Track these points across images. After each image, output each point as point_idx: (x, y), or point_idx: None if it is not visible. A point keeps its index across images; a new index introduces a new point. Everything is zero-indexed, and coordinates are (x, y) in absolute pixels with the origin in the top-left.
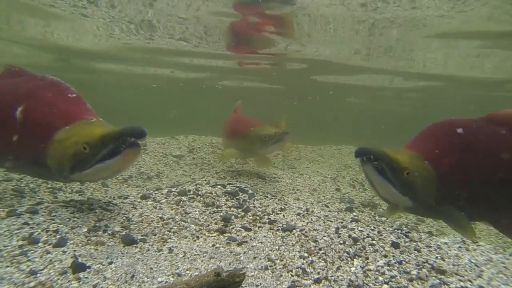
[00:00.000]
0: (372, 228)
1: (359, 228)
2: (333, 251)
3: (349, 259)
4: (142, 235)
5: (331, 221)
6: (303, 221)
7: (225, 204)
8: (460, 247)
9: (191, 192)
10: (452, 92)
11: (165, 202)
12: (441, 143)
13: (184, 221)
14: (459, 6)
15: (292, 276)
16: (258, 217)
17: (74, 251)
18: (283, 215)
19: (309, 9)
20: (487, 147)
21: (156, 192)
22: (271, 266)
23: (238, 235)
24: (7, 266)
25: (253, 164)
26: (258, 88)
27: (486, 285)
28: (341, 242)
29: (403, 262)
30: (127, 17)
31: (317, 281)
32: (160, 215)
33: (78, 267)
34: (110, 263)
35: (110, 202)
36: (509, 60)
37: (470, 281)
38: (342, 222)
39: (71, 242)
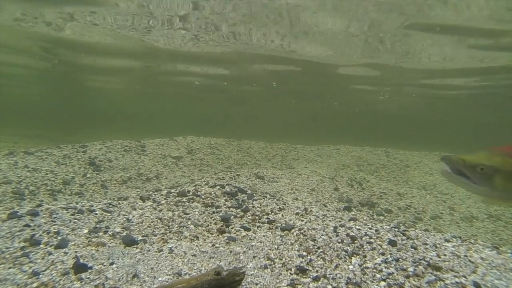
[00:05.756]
0: (369, 226)
1: (357, 227)
2: (332, 249)
3: (347, 257)
4: (142, 236)
5: (329, 220)
6: (302, 221)
7: (224, 204)
8: (455, 244)
9: (191, 193)
10: None
11: (164, 203)
12: None
13: (183, 221)
14: None
15: (291, 274)
16: (257, 217)
17: (76, 252)
18: (282, 215)
19: None
20: None
21: (156, 193)
22: (270, 265)
23: (237, 235)
24: (9, 268)
25: (252, 165)
26: None
27: (480, 281)
28: (339, 240)
29: (400, 259)
30: None
31: (315, 279)
32: (160, 216)
33: (79, 268)
34: (112, 263)
35: (110, 204)
36: None
37: (464, 276)
38: (340, 221)
39: (72, 243)
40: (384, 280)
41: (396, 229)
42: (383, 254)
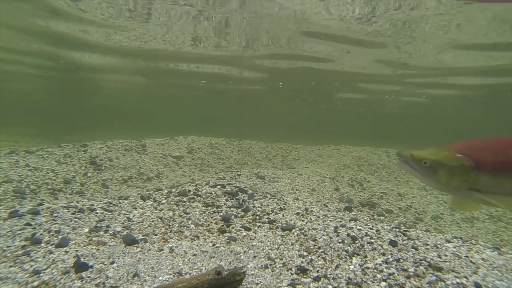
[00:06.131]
0: (370, 227)
1: (358, 227)
2: (332, 249)
3: (347, 257)
4: (143, 235)
5: (330, 220)
6: (302, 221)
7: (225, 204)
8: (456, 245)
9: (191, 193)
10: None
11: (165, 202)
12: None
13: (184, 221)
14: None
15: (292, 274)
16: (257, 217)
17: (76, 251)
18: (283, 215)
19: None
20: None
21: (156, 192)
22: (271, 264)
23: (238, 235)
24: (10, 266)
25: (252, 164)
26: None
27: (481, 281)
28: (340, 240)
29: (400, 259)
30: None
31: (316, 279)
32: (160, 215)
33: (80, 267)
34: (112, 262)
35: (111, 203)
36: None
37: (466, 277)
38: (341, 221)
39: (73, 242)
40: (385, 280)
41: (397, 230)
42: (384, 254)
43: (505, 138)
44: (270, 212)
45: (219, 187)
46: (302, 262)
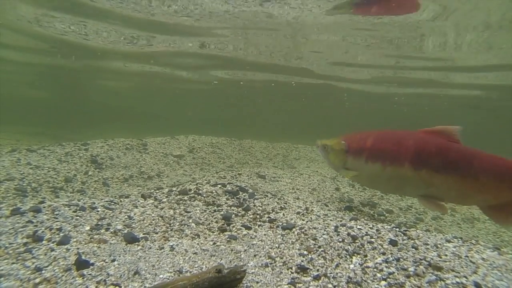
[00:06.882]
0: (370, 226)
1: (358, 227)
2: (332, 249)
3: (348, 256)
4: (144, 233)
5: (330, 220)
6: (303, 220)
7: (226, 203)
8: (456, 245)
9: (192, 191)
10: None
11: (166, 201)
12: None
13: (185, 219)
14: None
15: (292, 273)
16: (258, 216)
17: (78, 248)
18: (283, 214)
19: None
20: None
21: (157, 191)
22: (271, 263)
23: (238, 234)
24: (13, 263)
25: (253, 164)
26: None
27: (481, 281)
28: (340, 240)
29: (400, 259)
30: None
31: (316, 278)
32: (161, 214)
33: (81, 264)
34: (113, 260)
35: (112, 201)
36: None
37: (465, 277)
38: (341, 221)
39: (74, 240)
40: (384, 279)
41: (397, 229)
42: (384, 253)
43: (371, 131)
44: (271, 211)
45: (219, 186)
46: (302, 261)
